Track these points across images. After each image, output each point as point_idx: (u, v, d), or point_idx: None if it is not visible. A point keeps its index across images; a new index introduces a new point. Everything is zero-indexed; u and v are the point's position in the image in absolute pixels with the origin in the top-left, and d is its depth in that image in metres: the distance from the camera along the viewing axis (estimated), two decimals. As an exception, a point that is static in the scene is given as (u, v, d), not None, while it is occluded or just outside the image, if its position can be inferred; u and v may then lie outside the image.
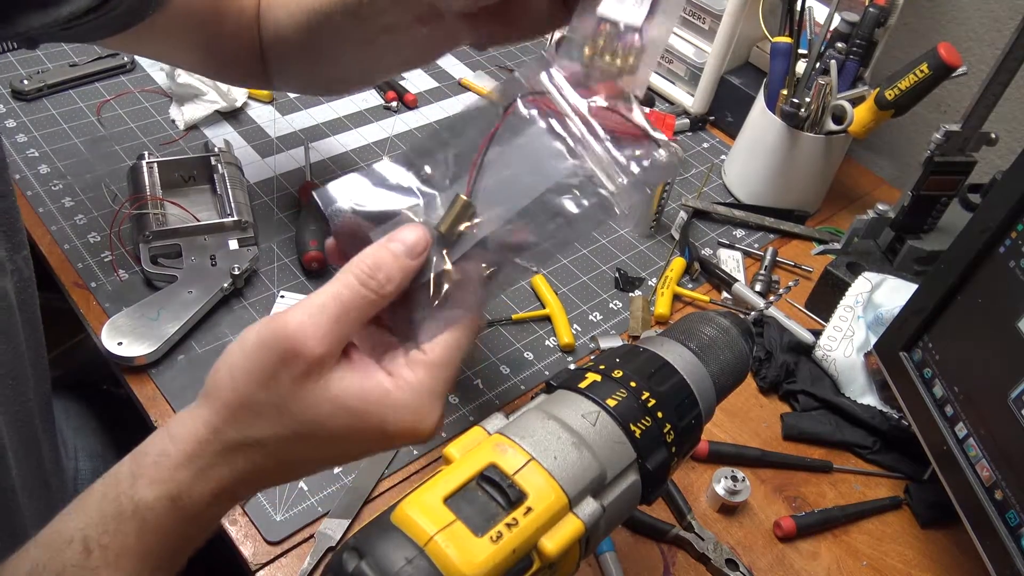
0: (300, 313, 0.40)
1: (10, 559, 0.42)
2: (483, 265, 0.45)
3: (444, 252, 0.44)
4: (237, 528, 0.65)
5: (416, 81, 1.14)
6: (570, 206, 0.47)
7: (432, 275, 0.44)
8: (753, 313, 0.81)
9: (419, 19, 0.61)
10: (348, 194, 0.46)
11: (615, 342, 0.84)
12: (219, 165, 0.87)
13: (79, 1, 0.61)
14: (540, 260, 0.46)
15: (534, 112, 0.49)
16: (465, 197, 0.45)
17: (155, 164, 0.86)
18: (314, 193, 0.46)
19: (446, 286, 0.44)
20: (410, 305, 0.44)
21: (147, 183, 0.84)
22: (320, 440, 0.41)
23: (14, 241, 0.60)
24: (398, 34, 0.63)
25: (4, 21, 0.59)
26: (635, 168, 0.49)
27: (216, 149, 0.89)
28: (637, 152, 0.49)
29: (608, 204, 0.47)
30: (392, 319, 0.44)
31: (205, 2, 0.70)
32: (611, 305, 0.89)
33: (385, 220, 0.45)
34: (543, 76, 0.49)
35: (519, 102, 0.48)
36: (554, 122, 0.49)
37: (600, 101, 0.49)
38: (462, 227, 0.45)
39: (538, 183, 0.47)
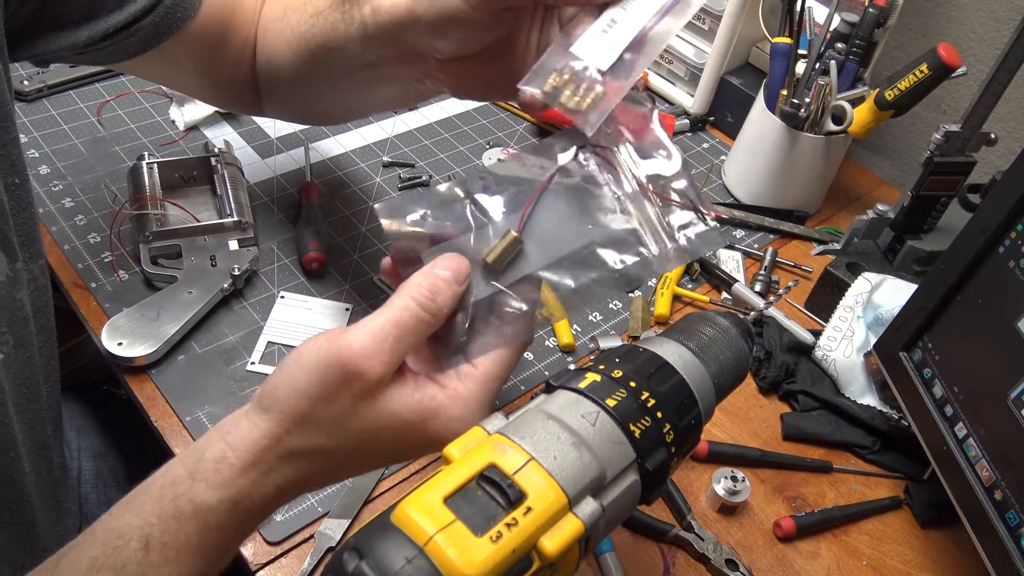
0: (363, 336, 0.42)
1: (62, 556, 0.43)
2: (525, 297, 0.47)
3: (483, 282, 0.46)
4: (237, 528, 0.65)
5: (416, 81, 1.14)
6: (612, 260, 0.49)
7: (472, 300, 0.46)
8: (753, 313, 0.81)
9: (401, 59, 0.61)
10: (406, 212, 0.48)
11: (615, 342, 0.84)
12: (219, 166, 0.87)
13: (97, 26, 0.62)
14: (568, 308, 0.48)
15: (593, 162, 0.51)
16: (516, 233, 0.47)
17: (155, 165, 0.86)
18: (375, 207, 0.48)
19: (491, 313, 0.46)
20: (449, 326, 0.46)
21: (147, 184, 0.84)
22: (377, 449, 0.45)
23: (32, 251, 0.60)
24: (380, 72, 0.64)
25: (23, 43, 0.60)
26: (682, 239, 0.51)
27: (216, 150, 0.89)
28: (685, 221, 0.51)
29: (648, 264, 0.49)
30: (442, 337, 0.46)
31: (215, 29, 0.70)
32: (611, 305, 0.89)
33: (439, 242, 0.47)
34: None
35: (580, 152, 0.50)
36: (610, 176, 0.51)
37: (657, 171, 0.51)
38: (508, 260, 0.47)
39: (586, 232, 0.49)
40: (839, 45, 0.96)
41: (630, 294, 0.90)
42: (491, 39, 0.56)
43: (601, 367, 0.47)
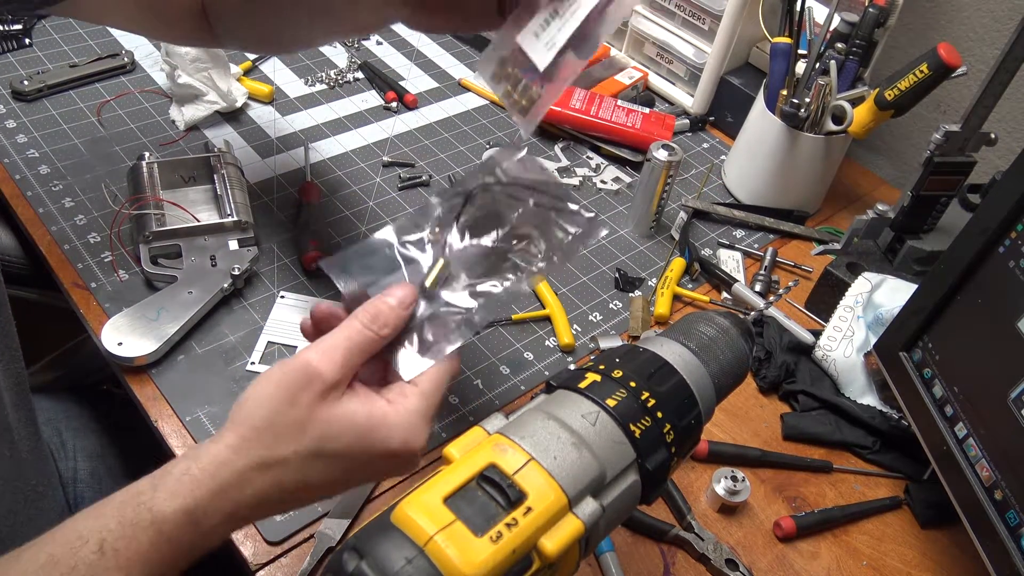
0: (317, 349, 0.48)
1: (25, 549, 0.44)
2: (458, 314, 0.54)
3: (424, 303, 0.52)
4: (237, 528, 0.65)
5: (416, 82, 1.14)
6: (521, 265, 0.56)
7: (416, 323, 0.52)
8: (753, 313, 0.81)
9: None
10: (346, 265, 0.54)
11: (615, 342, 0.84)
12: (219, 165, 0.87)
13: None
14: (492, 311, 0.54)
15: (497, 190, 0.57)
16: (443, 260, 0.54)
17: (155, 164, 0.86)
18: (322, 265, 0.54)
19: (428, 331, 0.52)
20: (400, 346, 0.52)
21: (147, 183, 0.84)
22: (331, 457, 0.47)
23: None
24: (332, 4, 0.64)
25: None
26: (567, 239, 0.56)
27: (216, 149, 0.89)
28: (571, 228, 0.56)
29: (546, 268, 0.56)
30: (390, 357, 0.52)
31: None
32: (611, 305, 0.89)
33: (376, 282, 0.54)
34: (517, 158, 0.57)
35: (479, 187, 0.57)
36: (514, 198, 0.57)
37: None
38: (440, 282, 0.54)
39: (498, 248, 0.55)
40: (839, 45, 0.96)
41: (630, 294, 0.90)
42: None
43: (601, 367, 0.47)
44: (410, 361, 0.51)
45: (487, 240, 0.55)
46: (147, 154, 0.87)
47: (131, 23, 0.80)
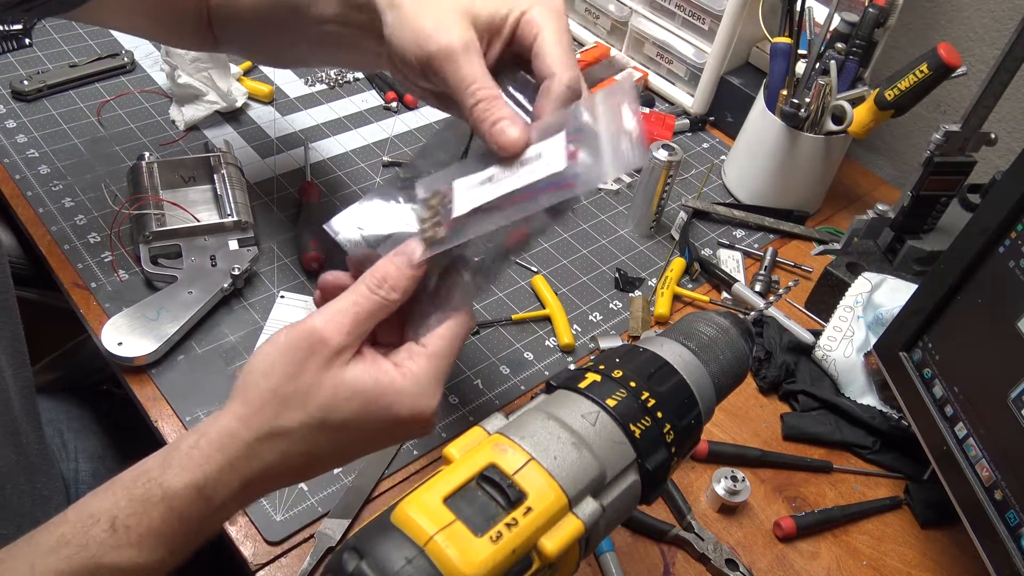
0: (324, 314, 0.47)
1: (38, 532, 0.45)
2: (469, 265, 0.51)
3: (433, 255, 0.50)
4: (237, 528, 0.65)
5: (416, 81, 1.14)
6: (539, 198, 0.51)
7: (429, 281, 0.50)
8: (753, 313, 0.81)
9: (369, 31, 0.61)
10: (353, 223, 0.52)
11: (615, 342, 0.84)
12: (219, 165, 0.87)
13: None
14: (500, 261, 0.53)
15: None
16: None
17: (155, 164, 0.86)
18: (324, 227, 0.52)
19: (435, 286, 0.50)
20: (416, 307, 0.50)
21: (147, 183, 0.84)
22: (339, 426, 0.46)
23: None
24: (343, 36, 0.65)
25: None
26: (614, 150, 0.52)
27: (216, 149, 0.89)
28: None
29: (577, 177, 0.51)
30: (407, 320, 0.51)
31: None
32: (611, 305, 0.89)
33: (387, 240, 0.51)
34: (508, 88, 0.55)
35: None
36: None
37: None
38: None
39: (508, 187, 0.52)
40: (839, 45, 0.96)
41: (630, 294, 0.90)
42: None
43: (601, 367, 0.47)
44: (418, 322, 0.49)
45: (497, 179, 0.52)
46: (147, 154, 0.87)
47: (137, 29, 0.82)
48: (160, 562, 0.45)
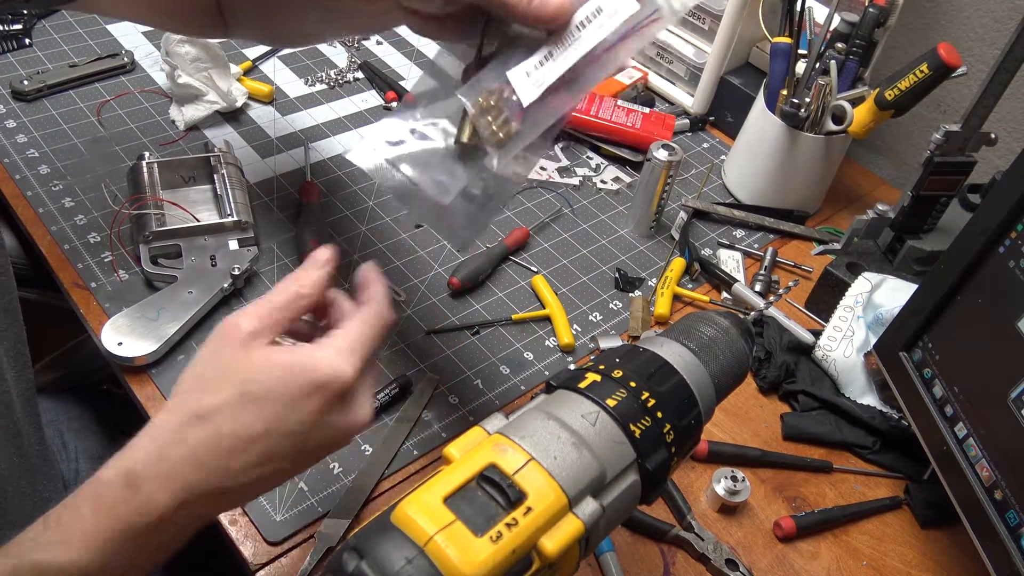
0: (240, 310, 0.50)
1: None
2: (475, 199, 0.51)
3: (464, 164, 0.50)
4: (237, 528, 0.65)
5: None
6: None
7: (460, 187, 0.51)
8: (753, 313, 0.81)
9: None
10: (370, 150, 0.52)
11: (615, 342, 0.84)
12: (219, 165, 0.87)
13: None
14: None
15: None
16: (473, 108, 0.50)
17: (155, 164, 0.86)
18: (347, 157, 0.52)
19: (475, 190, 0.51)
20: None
21: (147, 183, 0.84)
22: (261, 397, 0.47)
23: None
24: (346, 2, 0.65)
25: None
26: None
27: (216, 149, 0.89)
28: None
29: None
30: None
31: None
32: (611, 305, 0.89)
33: (408, 157, 0.51)
34: None
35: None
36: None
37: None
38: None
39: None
40: (839, 45, 0.96)
41: (630, 294, 0.90)
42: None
43: (601, 367, 0.47)
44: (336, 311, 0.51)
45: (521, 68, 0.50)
46: (147, 154, 0.87)
47: (144, 17, 0.82)
48: (99, 566, 0.44)
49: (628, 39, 0.48)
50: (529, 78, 0.49)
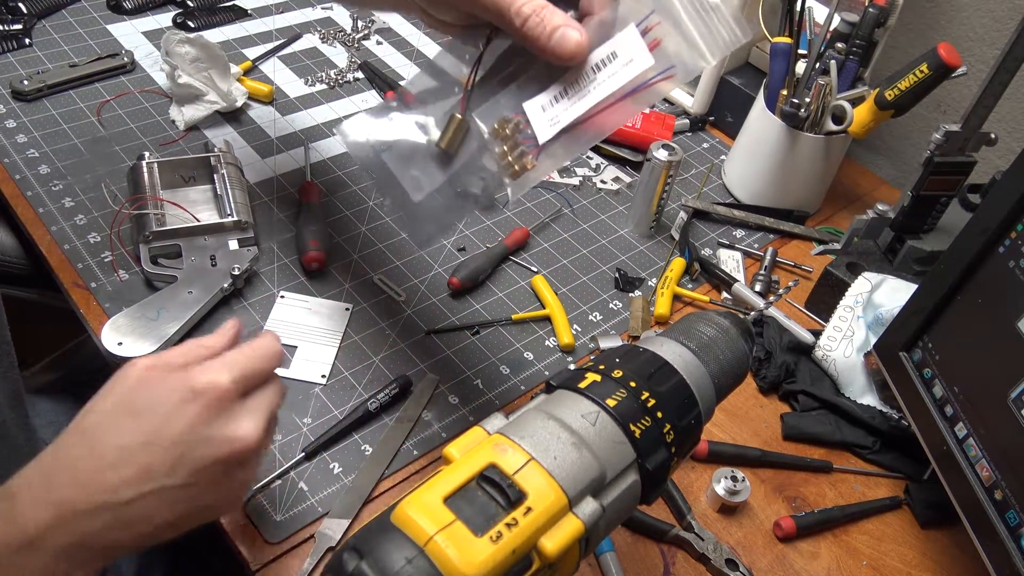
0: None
1: None
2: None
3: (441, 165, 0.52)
4: (237, 528, 0.65)
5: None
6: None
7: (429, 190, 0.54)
8: (753, 313, 0.81)
9: None
10: (361, 130, 0.55)
11: (615, 342, 0.84)
12: (219, 165, 0.87)
13: None
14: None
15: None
16: (460, 116, 0.52)
17: (155, 164, 0.86)
18: (335, 130, 0.55)
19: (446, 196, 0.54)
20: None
21: (147, 183, 0.84)
22: (140, 412, 0.48)
23: None
24: None
25: None
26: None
27: (216, 149, 0.89)
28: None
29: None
30: None
31: None
32: (611, 305, 0.89)
33: (391, 146, 0.53)
34: None
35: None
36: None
37: None
38: (458, 142, 0.52)
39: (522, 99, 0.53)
40: (839, 45, 0.96)
41: (630, 294, 0.90)
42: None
43: (601, 367, 0.47)
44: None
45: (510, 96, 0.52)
46: (147, 154, 0.87)
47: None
48: None
49: (641, 92, 0.49)
50: (544, 114, 0.50)
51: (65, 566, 0.46)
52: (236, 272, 0.80)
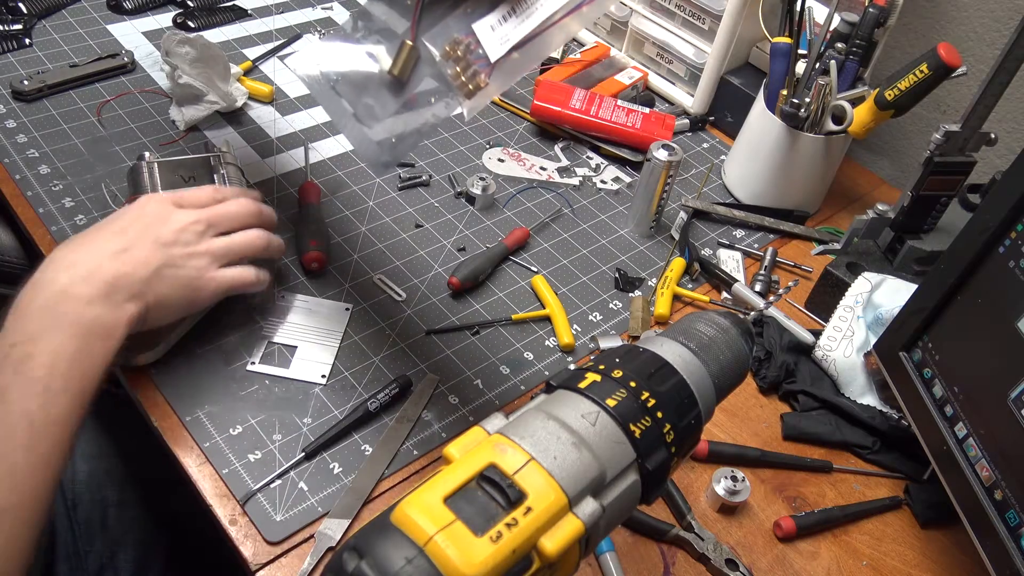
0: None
1: None
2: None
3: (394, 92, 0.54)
4: (237, 528, 0.65)
5: (416, 81, 1.14)
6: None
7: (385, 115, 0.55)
8: (753, 313, 0.81)
9: None
10: (312, 62, 0.55)
11: (615, 342, 0.84)
12: (219, 165, 0.87)
13: None
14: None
15: None
16: (410, 42, 0.54)
17: (155, 164, 0.85)
18: (285, 62, 0.56)
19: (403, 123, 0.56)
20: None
21: (147, 183, 0.84)
22: (114, 220, 0.68)
23: None
24: None
25: None
26: None
27: (216, 149, 0.89)
28: None
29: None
30: None
31: None
32: (611, 305, 0.89)
33: (343, 76, 0.54)
34: None
35: None
36: None
37: None
38: (410, 68, 0.54)
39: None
40: (839, 45, 0.96)
41: (630, 294, 0.90)
42: None
43: (601, 367, 0.47)
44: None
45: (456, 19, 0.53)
46: (147, 154, 0.86)
47: None
48: (23, 342, 0.58)
49: (585, 6, 0.50)
50: (494, 33, 0.52)
51: (96, 306, 0.62)
52: (236, 272, 0.79)
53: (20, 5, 1.09)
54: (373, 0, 0.58)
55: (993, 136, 0.86)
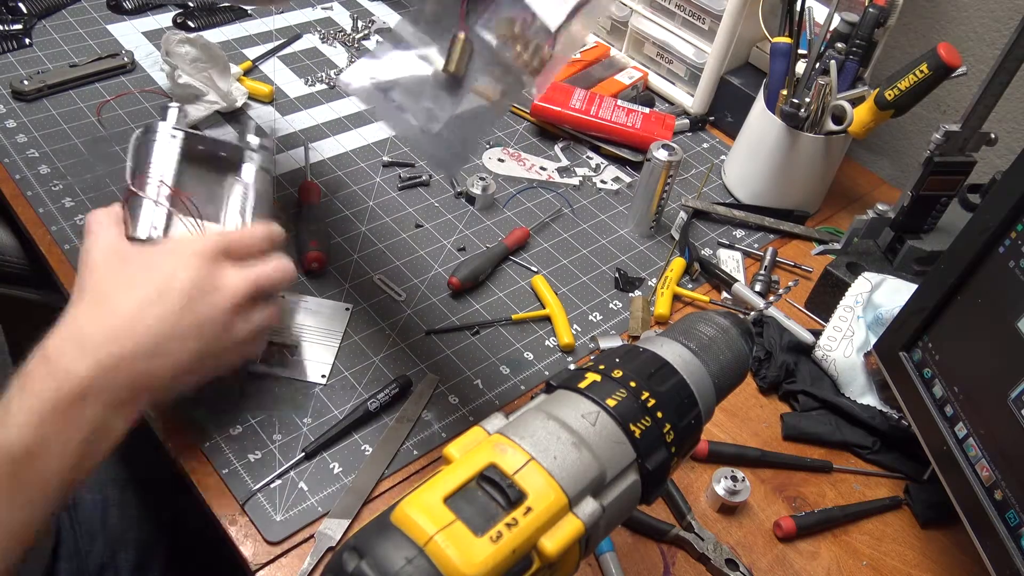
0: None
1: None
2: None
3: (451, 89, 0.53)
4: (237, 528, 0.65)
5: (416, 81, 1.14)
6: None
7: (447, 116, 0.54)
8: (753, 313, 0.81)
9: None
10: (364, 75, 0.55)
11: (615, 342, 0.84)
12: (246, 165, 0.72)
13: None
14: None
15: None
16: (463, 35, 0.52)
17: (178, 138, 0.70)
18: (337, 81, 0.55)
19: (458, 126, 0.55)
20: None
21: (154, 163, 0.71)
22: (147, 270, 0.59)
23: None
24: None
25: None
26: None
27: (249, 143, 0.73)
28: None
29: None
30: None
31: None
32: (611, 305, 0.89)
33: (397, 84, 0.54)
34: None
35: None
36: None
37: None
38: (466, 61, 0.52)
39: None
40: (839, 45, 0.96)
41: (630, 294, 0.90)
42: None
43: (601, 367, 0.47)
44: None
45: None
46: (165, 119, 0.85)
47: None
48: (33, 442, 0.51)
49: None
50: (549, 3, 0.50)
51: (111, 413, 0.55)
52: (236, 272, 0.79)
53: (20, 5, 1.09)
54: (408, 18, 0.56)
55: (993, 136, 0.86)
